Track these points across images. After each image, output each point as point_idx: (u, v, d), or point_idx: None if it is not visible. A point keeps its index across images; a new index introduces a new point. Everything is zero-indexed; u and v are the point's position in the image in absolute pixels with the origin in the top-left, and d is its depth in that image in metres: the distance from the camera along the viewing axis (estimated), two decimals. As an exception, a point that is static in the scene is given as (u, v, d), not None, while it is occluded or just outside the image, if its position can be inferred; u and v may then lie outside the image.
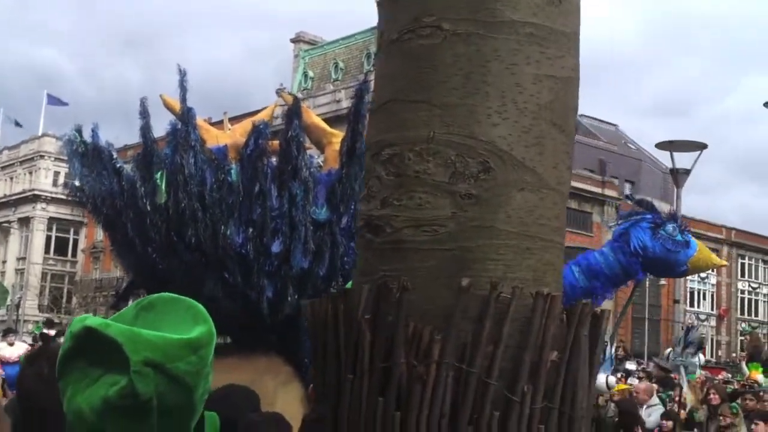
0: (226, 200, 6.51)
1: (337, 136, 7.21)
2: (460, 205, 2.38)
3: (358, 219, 2.57)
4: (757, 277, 66.39)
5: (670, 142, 28.89)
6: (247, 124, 7.37)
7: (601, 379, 12.34)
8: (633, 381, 15.38)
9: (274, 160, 6.74)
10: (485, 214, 2.38)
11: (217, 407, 2.21)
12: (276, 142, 6.83)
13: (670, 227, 5.65)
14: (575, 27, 2.55)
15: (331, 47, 53.12)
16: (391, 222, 2.41)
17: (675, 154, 29.08)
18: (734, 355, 53.06)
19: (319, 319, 2.47)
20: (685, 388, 12.66)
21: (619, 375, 15.43)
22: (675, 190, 30.50)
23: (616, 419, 12.14)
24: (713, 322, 62.62)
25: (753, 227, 69.76)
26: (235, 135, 7.35)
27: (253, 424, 3.60)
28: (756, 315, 65.91)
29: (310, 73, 53.64)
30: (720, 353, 59.08)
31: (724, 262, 14.00)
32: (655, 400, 12.65)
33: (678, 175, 28.83)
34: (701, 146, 28.02)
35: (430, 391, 2.27)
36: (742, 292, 65.32)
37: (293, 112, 6.65)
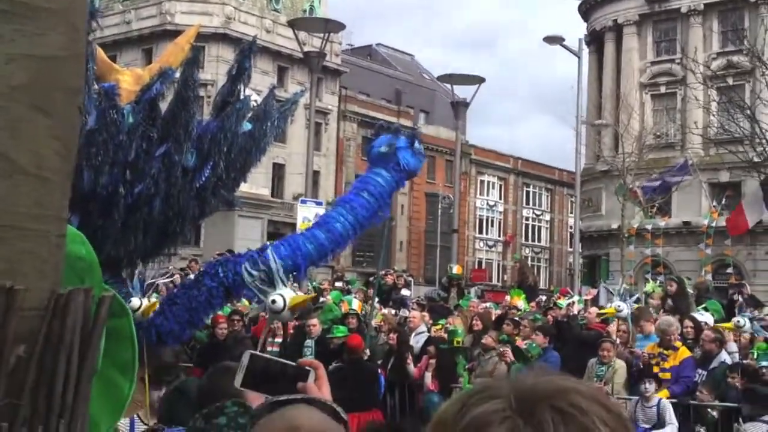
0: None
1: (123, 74, 6.96)
2: None
3: None
4: (540, 205, 70.13)
5: (450, 75, 29.78)
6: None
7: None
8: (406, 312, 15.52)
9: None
10: (-54, 204, 2.24)
11: None
12: None
13: (417, 143, 6.63)
14: (66, 3, 2.40)
15: (121, -35, 50.82)
16: None
17: (467, 87, 29.98)
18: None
19: None
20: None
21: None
22: (464, 119, 31.42)
23: (387, 346, 12.72)
24: (500, 248, 65.85)
25: (545, 157, 73.44)
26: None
27: None
28: (539, 240, 69.82)
29: (98, -9, 51.05)
30: (506, 278, 62.26)
31: None
32: (423, 327, 13.51)
33: (458, 107, 29.84)
34: (479, 80, 29.06)
35: None
36: (527, 219, 68.87)
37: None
